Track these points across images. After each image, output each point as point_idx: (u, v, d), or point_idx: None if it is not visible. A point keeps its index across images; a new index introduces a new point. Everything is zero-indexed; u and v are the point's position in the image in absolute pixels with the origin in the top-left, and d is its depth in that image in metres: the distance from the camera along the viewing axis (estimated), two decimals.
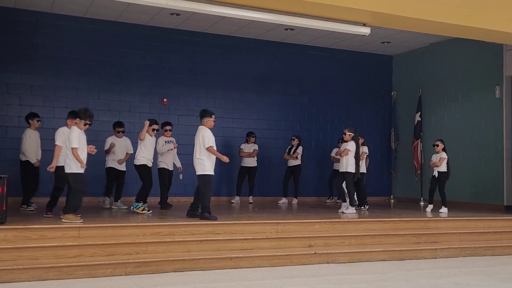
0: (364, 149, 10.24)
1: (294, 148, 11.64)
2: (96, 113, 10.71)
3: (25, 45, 10.58)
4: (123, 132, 9.54)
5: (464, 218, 9.04)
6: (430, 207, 10.10)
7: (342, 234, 7.68)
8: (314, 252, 7.10)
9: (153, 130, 8.76)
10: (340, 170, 9.63)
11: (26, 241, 6.17)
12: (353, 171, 9.40)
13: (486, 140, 11.40)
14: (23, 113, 10.46)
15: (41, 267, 5.80)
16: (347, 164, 9.36)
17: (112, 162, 9.30)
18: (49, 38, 10.76)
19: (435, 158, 10.01)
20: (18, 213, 7.92)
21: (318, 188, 12.75)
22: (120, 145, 9.35)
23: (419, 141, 12.75)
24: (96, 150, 7.44)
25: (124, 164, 9.41)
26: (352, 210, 9.22)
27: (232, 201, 11.44)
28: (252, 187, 11.50)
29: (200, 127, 7.94)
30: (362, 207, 10.12)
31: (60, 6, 10.35)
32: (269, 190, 12.28)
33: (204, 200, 7.62)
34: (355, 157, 9.42)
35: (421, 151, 12.72)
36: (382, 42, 12.65)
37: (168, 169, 9.48)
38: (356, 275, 6.39)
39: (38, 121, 9.04)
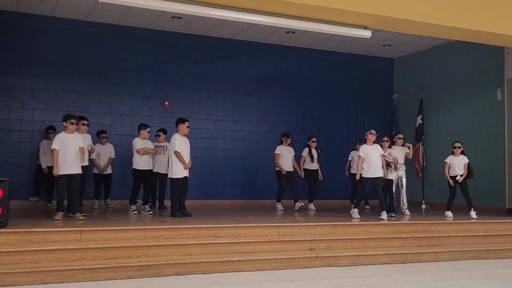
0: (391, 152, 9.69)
1: (315, 150, 10.89)
2: (97, 116, 10.92)
3: (26, 48, 10.60)
4: (106, 138, 10.23)
5: (466, 221, 9.03)
6: (473, 212, 9.41)
7: (343, 237, 7.68)
8: (315, 255, 7.09)
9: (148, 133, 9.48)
10: (378, 176, 8.87)
11: (28, 244, 6.18)
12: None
13: (487, 142, 11.39)
14: (24, 116, 10.54)
15: (42, 271, 5.79)
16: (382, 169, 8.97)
17: (96, 168, 10.04)
18: (51, 42, 10.79)
19: (458, 162, 9.56)
20: (20, 216, 7.91)
21: (320, 190, 12.68)
22: (104, 152, 10.10)
23: (420, 144, 12.73)
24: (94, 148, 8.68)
25: (109, 167, 10.16)
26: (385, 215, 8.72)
27: (280, 208, 10.64)
28: (296, 193, 10.50)
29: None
30: (393, 214, 9.30)
31: (62, 9, 10.38)
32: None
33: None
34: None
35: (422, 154, 12.70)
36: (383, 45, 12.65)
37: (158, 172, 9.57)
38: (357, 278, 6.39)
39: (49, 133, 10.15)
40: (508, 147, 11.02)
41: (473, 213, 9.39)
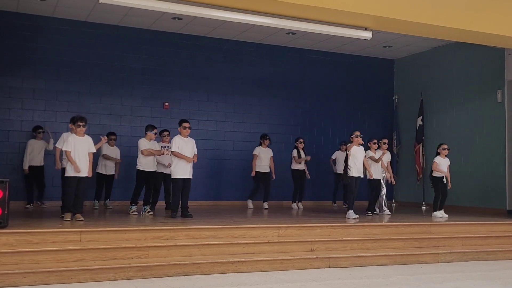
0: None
1: (302, 150, 11.28)
2: (97, 117, 10.93)
3: (27, 49, 10.61)
4: (115, 140, 10.24)
5: (466, 222, 9.03)
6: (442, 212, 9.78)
7: (343, 239, 7.68)
8: (315, 257, 7.08)
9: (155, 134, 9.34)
10: (359, 175, 9.30)
11: (28, 245, 6.17)
12: None
13: (488, 144, 11.39)
14: (25, 117, 10.54)
15: (42, 271, 5.78)
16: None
17: (101, 167, 10.09)
18: (51, 42, 10.79)
19: (445, 164, 9.76)
20: (20, 217, 7.92)
21: (318, 192, 12.70)
22: (111, 153, 10.11)
23: (421, 145, 12.73)
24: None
25: (112, 168, 10.18)
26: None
27: (251, 206, 11.00)
28: (268, 193, 11.05)
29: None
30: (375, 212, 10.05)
31: (62, 10, 10.38)
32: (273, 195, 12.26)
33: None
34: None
35: (423, 155, 12.70)
36: (383, 46, 12.66)
37: (163, 173, 9.59)
38: (357, 280, 6.38)
39: (40, 132, 10.16)
40: (509, 149, 11.02)
41: (443, 213, 9.70)
